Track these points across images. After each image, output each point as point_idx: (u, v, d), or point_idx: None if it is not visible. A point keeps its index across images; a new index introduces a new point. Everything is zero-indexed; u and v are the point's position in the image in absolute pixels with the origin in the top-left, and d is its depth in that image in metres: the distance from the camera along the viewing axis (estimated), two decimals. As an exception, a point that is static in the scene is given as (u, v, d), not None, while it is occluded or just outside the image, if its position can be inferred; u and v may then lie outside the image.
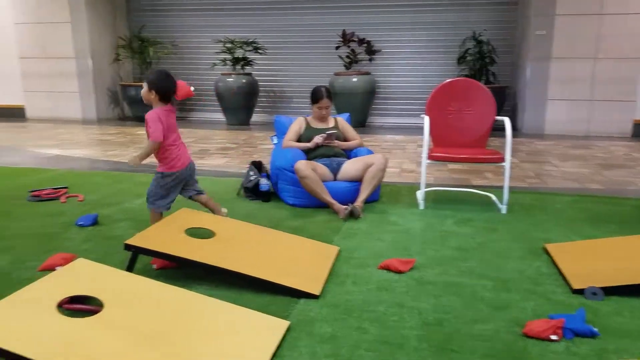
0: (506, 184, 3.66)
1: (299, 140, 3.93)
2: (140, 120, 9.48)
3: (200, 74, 10.05)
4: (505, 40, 8.61)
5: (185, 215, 2.96)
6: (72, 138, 7.42)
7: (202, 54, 9.97)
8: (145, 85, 3.03)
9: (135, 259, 2.54)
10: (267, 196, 3.85)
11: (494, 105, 3.93)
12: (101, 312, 1.86)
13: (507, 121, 3.67)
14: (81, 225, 3.29)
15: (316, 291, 2.32)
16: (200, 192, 3.25)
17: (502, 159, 3.59)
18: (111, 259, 2.76)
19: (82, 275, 2.13)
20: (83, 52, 9.35)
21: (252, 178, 3.91)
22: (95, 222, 3.36)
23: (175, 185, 3.12)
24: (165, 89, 3.01)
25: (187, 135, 7.72)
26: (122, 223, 3.40)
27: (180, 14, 9.95)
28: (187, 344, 1.78)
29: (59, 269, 2.60)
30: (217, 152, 6.31)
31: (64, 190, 4.18)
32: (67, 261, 2.66)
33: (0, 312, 1.76)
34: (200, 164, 5.50)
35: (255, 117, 9.57)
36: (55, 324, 1.76)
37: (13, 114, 10.06)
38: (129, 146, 6.72)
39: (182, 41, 9.97)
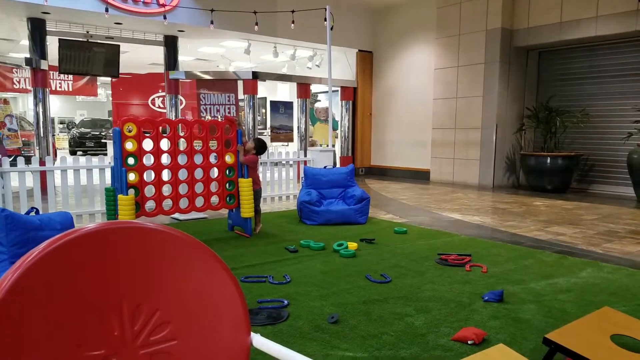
0: None
1: None
2: (535, 189, 9.28)
3: (610, 144, 9.12)
4: None
5: (609, 316, 2.55)
6: (469, 203, 7.80)
7: (615, 123, 9.03)
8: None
9: (552, 356, 2.32)
10: None
11: None
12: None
13: None
14: (487, 301, 3.29)
15: None
16: None
17: None
18: (519, 345, 2.62)
19: (503, 363, 2.05)
20: (489, 123, 9.88)
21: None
22: (500, 299, 3.30)
23: None
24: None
25: (589, 211, 7.00)
26: (529, 305, 3.22)
27: (594, 81, 9.35)
28: None
29: (471, 343, 2.64)
30: (628, 235, 5.44)
31: (468, 258, 4.33)
32: (478, 337, 2.67)
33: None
34: (607, 248, 4.83)
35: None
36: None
37: (420, 176, 11.48)
38: (525, 217, 6.56)
39: (592, 109, 9.31)
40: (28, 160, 5.99)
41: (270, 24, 10.56)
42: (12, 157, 5.85)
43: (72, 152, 20.93)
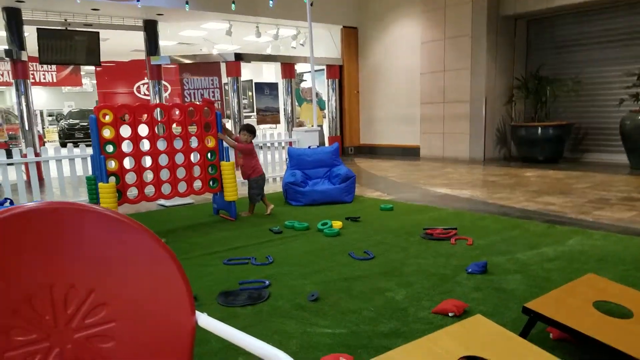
0: None
1: None
2: (527, 160, 9.21)
3: (603, 112, 9.05)
4: None
5: (593, 283, 2.49)
6: (459, 178, 7.73)
7: (607, 90, 8.94)
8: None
9: (533, 325, 2.26)
10: None
11: None
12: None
13: None
14: (471, 273, 3.23)
15: None
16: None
17: None
18: (501, 316, 2.56)
19: (480, 334, 1.98)
20: (478, 96, 9.76)
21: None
22: (484, 270, 3.24)
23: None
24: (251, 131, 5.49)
25: (580, 180, 6.95)
26: (513, 275, 3.16)
27: (584, 48, 9.23)
28: None
29: (451, 315, 2.58)
30: (619, 202, 5.39)
31: (454, 231, 4.27)
32: (458, 309, 2.62)
33: (406, 357, 1.78)
34: (597, 215, 4.78)
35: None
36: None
37: (410, 152, 11.39)
38: (515, 188, 6.49)
39: (584, 77, 9.20)
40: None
41: (250, 3, 10.34)
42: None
43: (63, 144, 20.71)
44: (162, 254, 1.21)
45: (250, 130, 5.47)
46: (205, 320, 1.25)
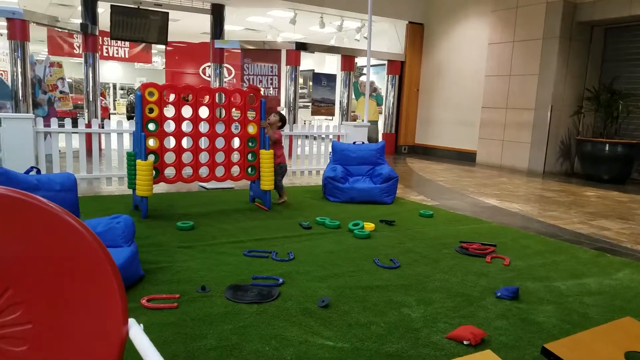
0: None
1: None
2: (590, 178, 8.58)
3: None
4: None
5: (629, 328, 2.20)
6: (512, 189, 7.31)
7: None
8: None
9: (552, 369, 2.02)
10: None
11: None
12: None
13: None
14: (500, 297, 2.97)
15: None
16: None
17: None
18: (521, 351, 2.32)
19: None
20: (544, 104, 9.18)
21: None
22: (515, 296, 2.98)
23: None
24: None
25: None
26: (546, 306, 2.88)
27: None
28: None
29: (466, 343, 2.37)
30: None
31: (492, 248, 3.98)
32: (475, 338, 2.39)
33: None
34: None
35: None
36: None
37: (465, 157, 10.94)
38: (570, 207, 6.03)
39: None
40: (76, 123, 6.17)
41: (317, -7, 10.22)
42: (63, 120, 6.04)
43: (129, 117, 21.60)
44: (99, 257, 1.11)
45: (283, 120, 5.53)
46: (135, 333, 1.13)
